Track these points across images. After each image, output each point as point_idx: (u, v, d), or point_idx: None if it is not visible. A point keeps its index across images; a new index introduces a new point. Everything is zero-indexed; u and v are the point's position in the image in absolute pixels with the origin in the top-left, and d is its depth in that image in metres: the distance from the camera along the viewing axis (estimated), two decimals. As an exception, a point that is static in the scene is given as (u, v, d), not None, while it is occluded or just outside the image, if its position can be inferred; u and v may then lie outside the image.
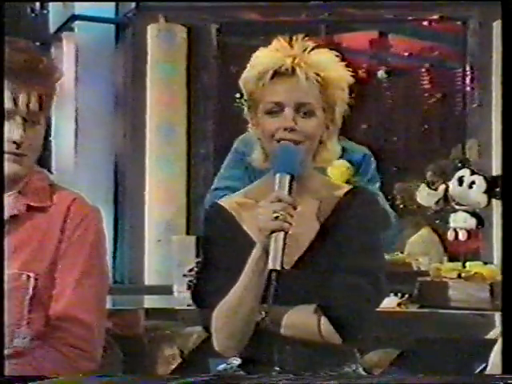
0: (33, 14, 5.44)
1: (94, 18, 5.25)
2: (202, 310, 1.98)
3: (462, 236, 2.81)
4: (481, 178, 2.76)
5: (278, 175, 1.84)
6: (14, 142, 1.91)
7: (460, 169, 2.81)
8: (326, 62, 1.93)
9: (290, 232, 1.79)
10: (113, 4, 5.30)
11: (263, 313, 1.86)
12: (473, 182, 2.78)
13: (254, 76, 1.91)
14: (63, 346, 1.91)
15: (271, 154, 1.91)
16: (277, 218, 1.78)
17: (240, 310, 1.86)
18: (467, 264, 2.84)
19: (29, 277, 1.92)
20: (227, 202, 2.00)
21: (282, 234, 1.78)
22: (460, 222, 2.81)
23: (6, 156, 1.92)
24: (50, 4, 5.37)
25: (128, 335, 3.02)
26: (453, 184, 2.80)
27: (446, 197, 2.81)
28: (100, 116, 5.35)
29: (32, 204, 1.97)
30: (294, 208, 1.80)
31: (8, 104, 1.91)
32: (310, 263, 1.90)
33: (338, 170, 2.70)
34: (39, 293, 1.93)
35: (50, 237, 1.95)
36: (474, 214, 2.79)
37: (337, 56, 1.95)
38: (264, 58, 1.92)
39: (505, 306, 1.88)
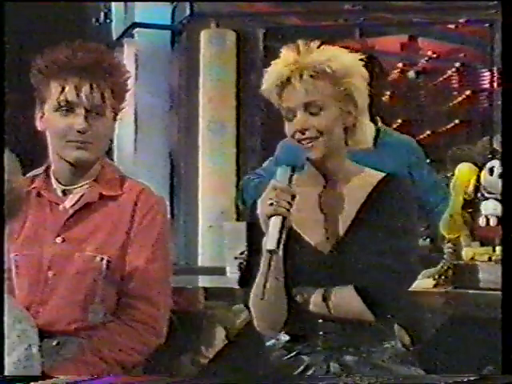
0: (97, 24, 5.49)
1: (152, 25, 5.28)
2: (246, 291, 1.97)
3: (493, 222, 2.76)
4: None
5: (279, 167, 1.85)
6: (78, 131, 1.92)
7: (491, 160, 2.75)
8: (330, 55, 1.88)
9: (289, 217, 1.79)
10: (169, 12, 5.32)
11: (298, 296, 1.85)
12: (503, 172, 2.72)
13: (268, 88, 1.90)
14: (132, 321, 1.93)
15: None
16: (271, 204, 1.79)
17: (259, 291, 1.84)
18: (497, 248, 2.79)
19: (102, 259, 1.94)
20: None
21: (279, 218, 1.78)
22: (490, 209, 2.75)
23: (69, 144, 1.93)
24: (113, 13, 5.41)
25: (185, 312, 3.02)
26: (484, 174, 2.75)
27: (477, 186, 2.76)
28: (157, 113, 5.37)
29: (104, 193, 1.98)
30: (292, 195, 1.80)
31: (71, 97, 1.92)
32: (347, 246, 1.88)
33: (467, 171, 2.73)
34: (111, 273, 1.94)
35: (121, 223, 1.96)
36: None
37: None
38: (272, 71, 1.90)
39: (504, 307, 1.80)
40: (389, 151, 2.92)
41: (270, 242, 1.78)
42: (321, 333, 1.87)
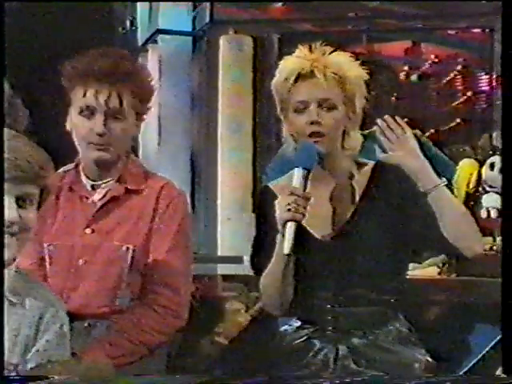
0: (123, 31, 5.50)
1: (174, 32, 5.28)
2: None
3: (494, 214, 2.74)
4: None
5: (295, 170, 1.81)
6: (98, 134, 1.91)
7: (491, 156, 2.74)
8: (343, 62, 1.88)
9: (303, 221, 1.77)
10: (190, 19, 5.33)
11: None
12: (503, 167, 2.70)
13: (281, 80, 1.88)
14: (156, 305, 1.92)
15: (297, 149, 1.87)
16: (289, 210, 1.75)
17: (271, 282, 1.85)
18: (498, 238, 2.77)
19: (128, 248, 1.93)
20: (274, 185, 1.97)
21: (294, 224, 1.76)
22: (492, 202, 2.74)
23: (90, 146, 1.92)
24: (138, 21, 5.43)
25: (205, 297, 3.01)
26: (485, 169, 2.73)
27: (478, 180, 2.75)
28: (179, 114, 5.36)
29: (129, 187, 1.98)
30: (308, 199, 1.77)
31: (91, 102, 1.90)
32: (349, 234, 1.86)
33: (468, 166, 2.72)
34: (136, 262, 1.94)
35: (145, 215, 1.95)
36: (503, 195, 2.71)
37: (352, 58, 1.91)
38: (288, 65, 1.88)
39: (504, 308, 1.77)
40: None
41: (286, 247, 1.76)
42: (329, 317, 1.86)
